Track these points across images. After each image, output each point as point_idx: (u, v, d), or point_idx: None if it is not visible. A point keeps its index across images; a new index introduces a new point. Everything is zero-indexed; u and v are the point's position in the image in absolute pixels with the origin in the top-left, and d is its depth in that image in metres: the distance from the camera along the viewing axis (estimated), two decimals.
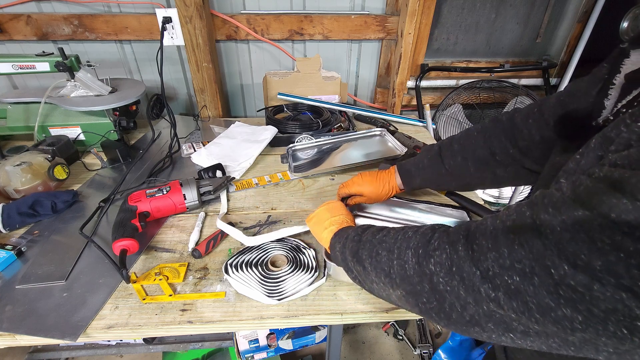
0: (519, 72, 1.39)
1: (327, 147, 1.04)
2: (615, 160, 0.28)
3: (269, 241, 0.70)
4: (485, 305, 0.32)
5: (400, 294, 0.41)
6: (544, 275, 0.28)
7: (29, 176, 0.78)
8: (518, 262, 0.30)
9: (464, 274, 0.34)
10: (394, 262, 0.41)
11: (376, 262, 0.44)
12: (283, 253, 0.67)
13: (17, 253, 0.66)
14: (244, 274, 0.62)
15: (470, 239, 0.35)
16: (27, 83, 1.23)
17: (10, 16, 1.06)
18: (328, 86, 1.23)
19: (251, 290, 0.59)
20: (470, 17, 1.32)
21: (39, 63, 0.93)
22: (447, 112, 1.38)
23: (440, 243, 0.38)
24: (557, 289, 0.27)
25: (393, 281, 0.41)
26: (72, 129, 1.00)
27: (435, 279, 0.36)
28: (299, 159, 0.99)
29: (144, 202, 0.72)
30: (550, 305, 0.28)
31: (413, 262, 0.39)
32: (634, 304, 0.24)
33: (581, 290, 0.26)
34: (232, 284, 0.61)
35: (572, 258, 0.27)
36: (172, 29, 1.10)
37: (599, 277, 0.25)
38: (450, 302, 0.35)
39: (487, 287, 0.32)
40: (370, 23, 1.20)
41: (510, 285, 0.30)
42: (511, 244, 0.31)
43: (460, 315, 0.35)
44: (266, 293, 0.59)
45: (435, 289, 0.36)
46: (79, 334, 0.53)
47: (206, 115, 1.26)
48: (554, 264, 0.27)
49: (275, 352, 1.20)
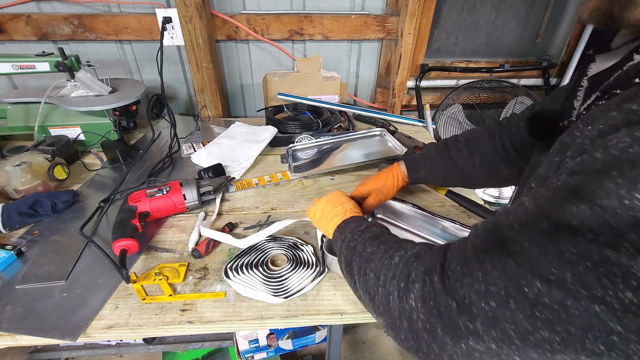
0: (518, 72, 1.39)
1: (327, 147, 1.04)
2: (572, 167, 0.28)
3: (264, 240, 0.69)
4: (464, 342, 0.30)
5: (383, 322, 0.39)
6: (519, 297, 0.27)
7: (29, 176, 0.78)
8: (493, 285, 0.29)
9: (441, 307, 0.32)
10: (379, 289, 0.39)
11: (364, 282, 0.42)
12: (282, 252, 0.67)
13: (17, 253, 0.66)
14: (245, 276, 0.62)
15: (445, 266, 0.34)
16: (27, 83, 1.23)
17: (10, 16, 1.06)
18: (328, 86, 1.23)
19: (256, 292, 0.59)
20: (470, 17, 1.32)
21: (39, 63, 0.93)
22: (447, 112, 1.38)
23: (418, 274, 0.36)
24: (534, 311, 0.26)
25: (377, 308, 0.40)
26: (72, 129, 1.00)
27: (415, 315, 0.34)
28: (299, 159, 0.99)
29: (144, 202, 0.72)
30: (528, 330, 0.27)
31: (395, 295, 0.37)
32: (608, 317, 0.24)
33: (557, 309, 0.25)
34: (234, 287, 0.61)
35: (544, 274, 0.26)
36: (172, 29, 1.10)
37: (572, 291, 0.25)
38: (427, 343, 0.33)
39: (465, 319, 0.30)
40: (370, 23, 1.20)
41: (488, 313, 0.29)
42: (484, 266, 0.30)
43: (439, 356, 0.33)
44: (272, 293, 0.59)
45: (412, 327, 0.34)
46: (79, 334, 0.53)
47: (206, 115, 1.26)
48: (527, 283, 0.27)
49: (275, 352, 1.20)
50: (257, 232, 0.68)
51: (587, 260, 0.24)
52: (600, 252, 0.24)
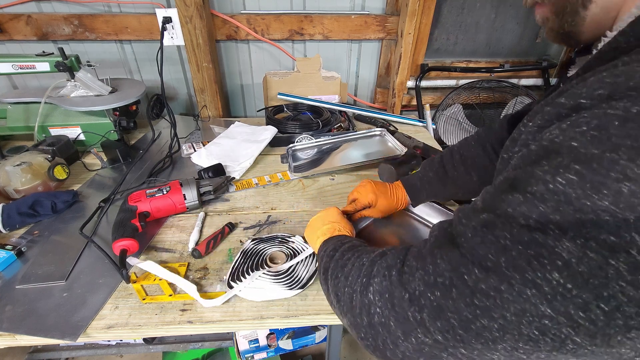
0: (518, 72, 1.39)
1: (327, 147, 1.04)
2: (515, 163, 0.30)
3: (253, 244, 0.68)
4: (414, 336, 0.31)
5: (347, 322, 0.39)
6: (460, 285, 0.28)
7: (29, 176, 0.78)
8: (440, 276, 0.30)
9: (395, 300, 0.33)
10: (345, 289, 0.40)
11: (334, 284, 0.43)
12: (276, 249, 0.67)
13: (17, 253, 0.66)
14: (252, 281, 0.60)
15: (405, 263, 0.35)
16: (27, 83, 1.23)
17: (10, 16, 1.06)
18: (328, 86, 1.23)
19: (269, 292, 0.58)
20: (470, 17, 1.32)
21: (39, 63, 0.93)
22: (447, 112, 1.38)
23: (380, 269, 0.36)
24: (473, 299, 0.27)
25: (342, 308, 0.40)
26: (72, 129, 1.00)
27: (373, 309, 0.34)
28: (299, 159, 0.99)
29: (144, 202, 0.72)
30: (469, 318, 0.27)
31: (357, 291, 0.37)
32: (539, 300, 0.24)
33: (492, 294, 0.26)
34: (244, 295, 0.59)
35: (483, 261, 0.27)
36: (172, 29, 1.10)
37: (507, 276, 0.25)
38: (382, 338, 0.34)
39: (414, 310, 0.31)
40: (370, 23, 1.20)
41: (433, 302, 0.29)
42: (434, 259, 0.31)
43: (393, 353, 0.33)
44: (286, 287, 0.59)
45: (370, 322, 0.35)
46: (79, 334, 0.53)
47: (206, 115, 1.26)
48: (467, 271, 0.28)
49: (275, 352, 1.20)
50: None
51: (519, 244, 0.25)
52: (530, 235, 0.25)
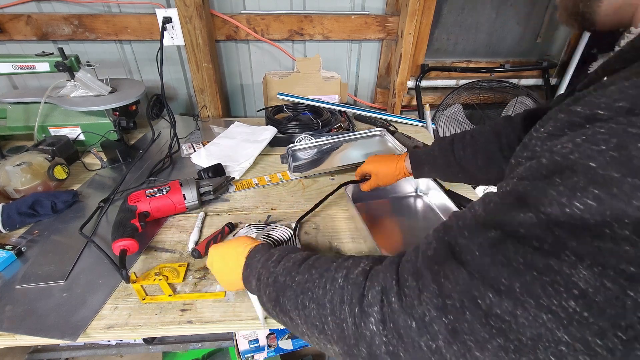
0: (519, 72, 1.39)
1: (327, 147, 1.04)
2: (522, 172, 0.28)
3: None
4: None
5: (338, 350, 0.36)
6: (473, 308, 0.26)
7: (28, 176, 0.78)
8: (449, 298, 0.28)
9: (401, 330, 0.30)
10: (327, 319, 0.35)
11: (305, 315, 0.37)
12: (263, 237, 0.68)
13: (17, 253, 0.66)
14: None
15: (400, 282, 0.32)
16: (27, 83, 1.23)
17: (10, 16, 1.06)
18: (328, 86, 1.23)
19: None
20: (471, 17, 1.32)
21: (38, 63, 0.93)
22: (447, 112, 1.38)
23: (375, 295, 0.32)
24: (488, 320, 0.26)
25: (330, 337, 0.35)
26: (72, 129, 1.00)
27: (378, 340, 0.31)
28: (298, 159, 0.99)
29: (144, 202, 0.72)
30: (485, 338, 0.26)
31: (350, 322, 0.33)
32: (555, 326, 0.24)
33: (508, 319, 0.25)
34: None
35: (495, 284, 0.26)
36: (172, 29, 1.10)
37: (521, 301, 0.24)
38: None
39: (427, 339, 0.28)
40: (370, 23, 1.20)
41: (448, 326, 0.27)
42: (437, 277, 0.29)
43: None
44: None
45: (372, 354, 0.31)
46: (79, 334, 0.53)
47: (206, 116, 1.26)
48: (480, 294, 0.26)
49: (275, 352, 1.20)
50: None
51: (533, 269, 0.24)
52: (545, 261, 0.24)
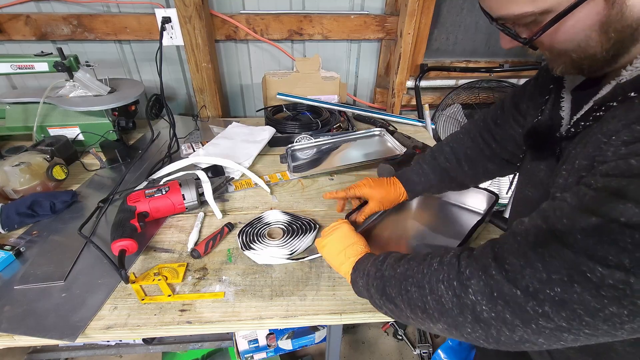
0: (518, 72, 1.39)
1: (326, 147, 1.04)
2: (607, 171, 0.33)
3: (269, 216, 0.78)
4: (534, 323, 0.33)
5: (442, 327, 0.41)
6: (583, 281, 0.30)
7: (27, 176, 0.78)
8: (555, 273, 0.32)
9: (507, 297, 0.34)
10: (427, 298, 0.41)
11: (408, 298, 0.44)
12: (280, 226, 0.75)
13: (16, 253, 0.66)
14: (266, 248, 0.68)
15: (499, 261, 0.36)
16: (26, 83, 1.23)
17: (9, 16, 1.06)
18: (327, 86, 1.23)
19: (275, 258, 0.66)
20: (470, 17, 1.32)
21: (37, 63, 0.93)
22: (446, 112, 1.38)
23: (472, 271, 0.38)
24: (599, 291, 0.30)
25: (431, 316, 0.41)
26: (71, 129, 1.00)
27: (478, 308, 0.36)
28: (298, 159, 0.99)
29: (143, 202, 0.72)
30: (596, 308, 0.30)
31: (449, 295, 0.39)
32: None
33: (621, 287, 0.29)
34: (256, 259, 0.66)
35: (603, 260, 0.30)
36: (171, 29, 1.10)
37: (633, 271, 0.28)
38: (496, 328, 0.36)
39: (534, 304, 0.33)
40: (369, 23, 1.20)
41: (555, 297, 0.32)
42: (542, 258, 0.33)
43: (509, 337, 0.36)
44: (288, 254, 0.67)
45: (478, 318, 0.37)
46: (78, 334, 0.53)
47: (205, 116, 1.26)
48: (589, 269, 0.30)
49: (274, 352, 1.20)
50: None
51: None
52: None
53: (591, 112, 0.40)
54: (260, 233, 0.72)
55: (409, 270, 0.45)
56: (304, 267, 0.66)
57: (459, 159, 0.68)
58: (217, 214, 0.77)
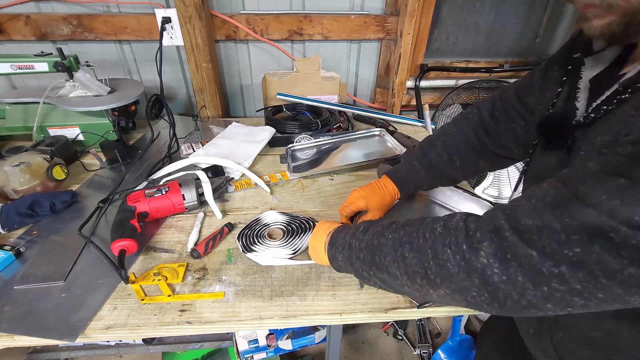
0: (518, 72, 1.39)
1: (326, 147, 1.04)
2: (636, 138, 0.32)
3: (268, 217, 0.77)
4: (546, 285, 0.33)
5: (443, 292, 0.40)
6: (603, 242, 0.30)
7: (27, 176, 0.78)
8: (574, 234, 0.31)
9: (522, 258, 0.33)
10: (430, 263, 0.40)
11: (405, 265, 0.42)
12: (279, 227, 0.74)
13: (16, 253, 0.66)
14: (268, 249, 0.68)
15: (513, 223, 0.35)
16: (26, 83, 1.23)
17: (9, 16, 1.06)
18: (327, 86, 1.23)
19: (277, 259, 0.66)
20: (470, 17, 1.32)
21: (37, 63, 0.93)
22: (446, 112, 1.38)
23: (483, 233, 0.37)
24: (620, 252, 0.29)
25: (432, 282, 0.40)
26: (71, 129, 1.00)
27: (489, 271, 0.35)
28: (298, 159, 0.99)
29: (143, 202, 0.72)
30: (615, 269, 0.29)
31: (457, 259, 0.38)
32: None
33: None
34: (258, 260, 0.66)
35: (628, 220, 0.29)
36: (171, 29, 1.10)
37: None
38: (504, 292, 0.35)
39: (549, 265, 0.32)
40: (369, 23, 1.20)
41: (572, 258, 0.31)
42: (561, 218, 0.32)
43: (517, 302, 0.35)
44: (290, 254, 0.67)
45: (486, 281, 0.36)
46: (78, 334, 0.53)
47: (205, 116, 1.26)
48: (612, 229, 0.29)
49: (274, 353, 1.20)
50: None
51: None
52: None
53: (615, 95, 0.39)
54: (261, 234, 0.72)
55: (406, 236, 0.44)
56: (303, 267, 0.66)
57: (450, 155, 0.67)
58: (217, 214, 0.77)
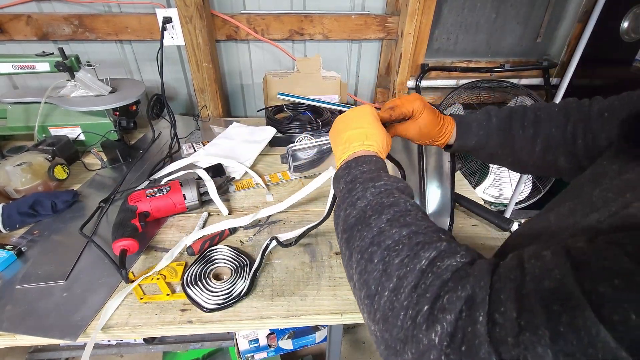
0: (519, 72, 1.39)
1: (327, 147, 1.03)
2: None
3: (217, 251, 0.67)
4: None
5: (374, 330, 0.31)
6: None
7: (29, 176, 0.78)
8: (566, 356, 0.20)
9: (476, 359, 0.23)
10: (385, 292, 0.30)
11: (363, 269, 0.33)
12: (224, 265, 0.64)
13: (17, 253, 0.66)
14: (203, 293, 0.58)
15: (494, 304, 0.24)
16: (28, 83, 1.23)
17: (10, 16, 1.06)
18: (328, 86, 1.23)
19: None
20: (471, 17, 1.32)
21: (39, 63, 0.93)
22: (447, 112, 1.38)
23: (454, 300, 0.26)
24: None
25: (373, 312, 0.31)
26: (72, 129, 1.00)
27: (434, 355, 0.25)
28: (299, 159, 0.99)
29: (144, 202, 0.72)
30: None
31: (409, 315, 0.27)
32: None
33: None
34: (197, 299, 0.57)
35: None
36: (172, 29, 1.10)
37: None
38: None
39: None
40: (370, 23, 1.20)
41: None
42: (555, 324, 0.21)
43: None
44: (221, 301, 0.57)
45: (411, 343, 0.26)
46: (79, 333, 0.53)
47: (206, 115, 1.26)
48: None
49: (275, 352, 1.20)
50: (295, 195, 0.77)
51: None
52: None
53: None
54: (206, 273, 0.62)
55: (390, 240, 0.33)
56: (304, 267, 0.66)
57: (536, 134, 0.52)
58: (223, 210, 0.77)
